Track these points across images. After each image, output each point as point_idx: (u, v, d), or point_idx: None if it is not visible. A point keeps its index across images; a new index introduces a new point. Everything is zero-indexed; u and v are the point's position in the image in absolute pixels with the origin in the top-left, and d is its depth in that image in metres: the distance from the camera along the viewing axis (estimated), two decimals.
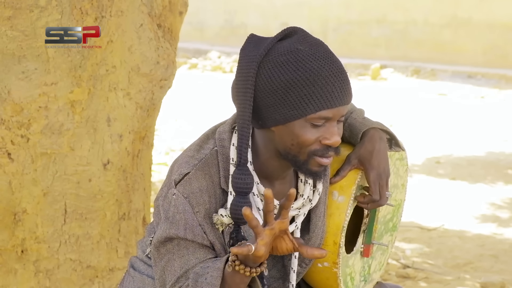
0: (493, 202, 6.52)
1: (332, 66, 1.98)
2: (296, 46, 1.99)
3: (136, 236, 3.37)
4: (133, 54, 3.18)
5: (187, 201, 2.03)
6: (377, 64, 15.35)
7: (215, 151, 2.09)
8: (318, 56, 1.98)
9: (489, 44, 15.89)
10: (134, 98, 3.21)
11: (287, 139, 2.01)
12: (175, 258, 2.04)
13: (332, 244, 2.16)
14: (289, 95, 1.97)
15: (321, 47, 2.01)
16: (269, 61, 1.99)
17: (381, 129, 2.25)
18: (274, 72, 1.98)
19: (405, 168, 2.41)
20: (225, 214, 2.04)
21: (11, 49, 2.95)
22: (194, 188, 2.04)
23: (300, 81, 1.96)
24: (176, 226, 2.03)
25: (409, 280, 4.63)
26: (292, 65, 1.97)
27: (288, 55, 1.98)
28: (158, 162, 7.14)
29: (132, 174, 3.30)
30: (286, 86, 1.97)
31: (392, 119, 10.24)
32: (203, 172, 2.05)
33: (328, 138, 2.00)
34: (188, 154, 2.10)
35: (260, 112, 2.01)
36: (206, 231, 2.04)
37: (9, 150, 3.04)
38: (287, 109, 1.98)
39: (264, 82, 1.99)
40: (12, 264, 3.15)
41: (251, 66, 2.00)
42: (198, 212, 2.03)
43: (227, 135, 2.10)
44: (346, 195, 2.17)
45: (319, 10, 17.72)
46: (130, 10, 3.15)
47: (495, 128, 10.12)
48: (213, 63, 16.60)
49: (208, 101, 11.55)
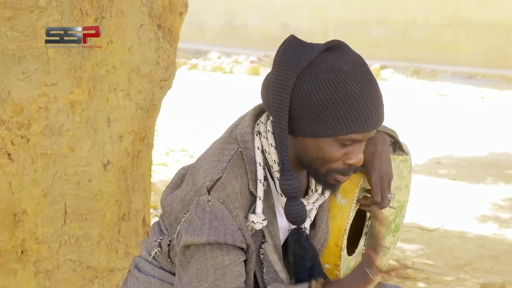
0: (494, 203, 6.52)
1: (371, 91, 1.99)
2: (339, 65, 1.98)
3: (136, 237, 3.37)
4: (133, 55, 3.18)
5: (224, 206, 2.02)
6: (377, 65, 15.35)
7: (240, 152, 2.08)
8: (360, 79, 1.98)
9: (490, 45, 15.89)
10: (134, 99, 3.21)
11: (313, 152, 2.02)
12: (207, 258, 2.03)
13: (334, 247, 2.16)
14: (325, 113, 1.97)
15: (363, 68, 2.01)
16: (310, 75, 1.98)
17: (385, 132, 2.25)
18: (314, 88, 1.97)
19: (409, 169, 2.40)
20: (256, 221, 2.05)
21: (11, 50, 2.95)
22: (229, 192, 2.03)
23: (339, 102, 1.96)
24: (215, 232, 2.01)
25: (409, 280, 4.63)
26: (333, 84, 1.97)
27: (330, 73, 1.98)
28: (158, 163, 7.14)
29: (132, 174, 3.29)
30: (324, 104, 1.97)
31: (392, 120, 10.24)
32: (234, 174, 2.05)
33: (353, 158, 2.02)
34: (213, 159, 2.08)
35: (292, 120, 2.01)
36: (245, 235, 2.04)
37: (9, 151, 3.04)
38: (320, 126, 1.98)
39: (301, 95, 1.98)
40: (12, 264, 3.15)
41: (290, 76, 1.99)
42: (236, 216, 2.03)
43: (249, 137, 2.09)
44: (349, 198, 2.17)
45: (319, 10, 17.72)
46: (130, 11, 3.15)
47: (496, 128, 10.13)
48: (213, 63, 16.60)
49: (208, 102, 11.55)
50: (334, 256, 2.17)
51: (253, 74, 15.03)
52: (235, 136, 2.11)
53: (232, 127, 2.16)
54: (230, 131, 2.15)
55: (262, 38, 18.00)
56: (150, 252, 2.25)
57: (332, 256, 2.17)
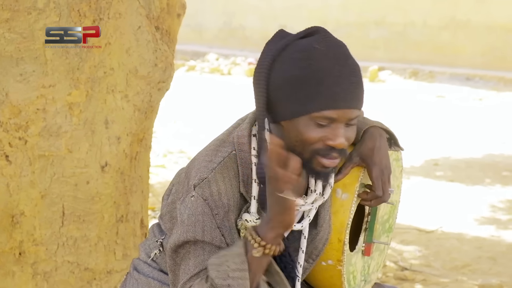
0: (492, 204, 6.52)
1: (343, 68, 1.98)
2: (313, 45, 2.00)
3: (134, 239, 3.37)
4: (131, 56, 3.18)
5: (206, 204, 2.02)
6: (375, 66, 15.37)
7: (234, 155, 2.09)
8: (332, 56, 1.99)
9: (488, 46, 15.90)
10: (132, 100, 3.21)
11: (292, 135, 2.02)
12: (190, 257, 2.03)
13: (336, 242, 2.17)
14: (296, 91, 1.98)
15: (338, 48, 2.02)
16: (284, 56, 2.01)
17: (381, 128, 2.26)
18: (286, 67, 1.99)
19: (400, 169, 2.42)
20: (250, 219, 2.05)
21: (9, 51, 2.95)
22: (213, 191, 2.03)
23: (308, 78, 1.97)
24: (194, 229, 2.02)
25: (407, 282, 4.63)
26: (304, 62, 1.98)
27: (303, 52, 1.99)
28: (156, 164, 7.14)
29: (130, 176, 3.29)
30: (295, 81, 1.98)
31: (390, 121, 10.23)
32: (222, 175, 2.05)
33: (332, 138, 2.00)
34: (205, 159, 2.09)
35: (271, 105, 2.03)
36: (224, 234, 2.03)
37: (7, 152, 3.04)
38: (293, 104, 1.99)
39: (276, 76, 2.00)
40: (10, 266, 3.15)
41: (267, 59, 2.02)
42: (217, 215, 2.03)
43: (246, 139, 2.09)
44: (350, 193, 2.17)
45: (318, 12, 17.73)
46: (128, 13, 3.15)
47: (494, 130, 10.14)
48: (211, 65, 16.62)
49: (206, 103, 11.55)
50: (337, 251, 2.17)
51: (251, 76, 15.00)
52: (232, 138, 2.12)
53: (231, 129, 2.17)
54: (229, 133, 2.15)
55: (260, 40, 17.98)
56: (149, 254, 2.25)
57: (335, 251, 2.17)
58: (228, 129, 2.18)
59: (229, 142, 2.12)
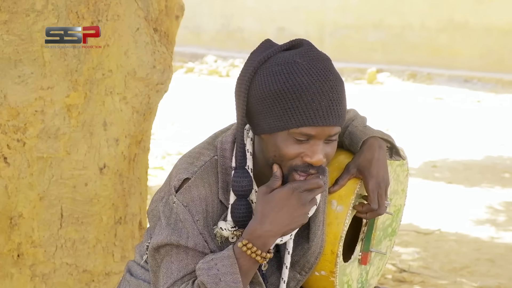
0: (490, 206, 6.52)
1: (323, 84, 1.94)
2: (294, 58, 1.96)
3: (133, 241, 3.37)
4: (130, 58, 3.18)
5: (187, 210, 2.01)
6: (374, 68, 15.37)
7: (215, 160, 2.07)
8: (312, 72, 1.94)
9: (486, 48, 15.91)
10: (130, 102, 3.21)
11: (271, 149, 1.98)
12: (173, 261, 2.02)
13: (329, 254, 2.15)
14: (275, 105, 1.94)
15: (320, 63, 1.97)
16: (266, 68, 1.97)
17: (381, 138, 2.22)
18: (266, 81, 1.96)
19: (405, 173, 2.39)
20: (224, 228, 2.03)
21: (7, 53, 2.95)
22: (194, 196, 2.02)
23: (287, 94, 1.93)
24: (178, 234, 2.01)
25: (405, 284, 4.63)
26: (284, 76, 1.94)
27: (283, 66, 1.96)
28: (154, 166, 7.13)
29: (129, 178, 3.29)
30: (274, 96, 1.94)
31: (389, 123, 10.25)
32: (202, 180, 2.04)
33: (309, 155, 1.96)
34: (187, 161, 2.08)
35: (251, 117, 2.00)
36: (207, 240, 2.02)
37: (5, 154, 3.04)
38: (272, 119, 1.95)
39: (256, 88, 1.97)
40: (8, 268, 3.15)
41: (249, 70, 1.99)
42: (198, 221, 2.02)
43: (229, 145, 2.07)
44: (345, 205, 2.14)
45: (316, 15, 17.74)
46: (126, 14, 3.15)
47: (492, 132, 10.14)
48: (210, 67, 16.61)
49: (205, 105, 11.55)
50: (330, 263, 2.15)
51: None
52: (216, 143, 2.10)
53: (219, 133, 2.16)
54: (215, 136, 2.14)
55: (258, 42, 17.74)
56: (142, 256, 2.25)
57: (328, 263, 2.15)
58: (216, 132, 2.17)
59: (213, 146, 2.10)
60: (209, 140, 2.14)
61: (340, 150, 2.25)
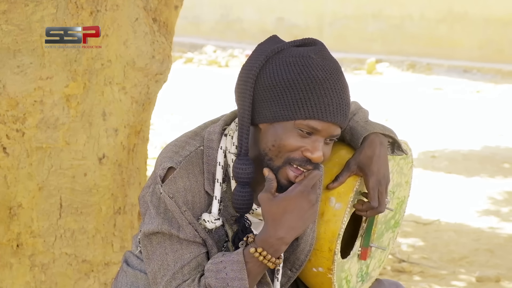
0: (489, 196, 6.53)
1: (336, 83, 1.96)
2: (309, 53, 1.98)
3: (132, 231, 3.37)
4: (129, 48, 3.17)
5: (173, 201, 2.01)
6: (373, 59, 15.36)
7: (201, 150, 2.06)
8: (327, 69, 1.96)
9: (485, 39, 15.91)
10: (129, 92, 3.20)
11: (270, 139, 1.98)
12: (167, 252, 2.02)
13: (327, 251, 2.13)
14: (285, 94, 1.95)
15: (333, 63, 1.99)
16: (279, 58, 1.98)
17: (383, 134, 2.21)
18: (279, 70, 1.97)
19: (409, 165, 2.38)
20: (208, 220, 2.03)
21: (6, 43, 2.95)
22: (179, 187, 2.01)
23: (300, 84, 1.94)
24: (169, 223, 2.01)
25: (404, 274, 4.64)
26: (298, 67, 1.96)
27: (299, 58, 1.97)
28: (153, 157, 7.12)
29: (128, 168, 3.29)
30: (285, 85, 1.95)
31: (388, 114, 10.25)
32: (186, 171, 2.03)
33: (310, 151, 1.96)
34: (172, 149, 2.07)
35: (254, 105, 2.00)
36: (197, 229, 2.02)
37: (4, 145, 3.04)
38: (279, 107, 1.96)
39: (266, 75, 1.97)
40: (7, 258, 3.15)
41: (260, 58, 1.99)
42: (185, 211, 2.01)
43: (216, 136, 2.07)
44: (344, 202, 2.13)
45: (315, 5, 17.72)
46: (125, 4, 3.15)
47: (491, 122, 10.14)
48: (209, 57, 16.61)
49: (204, 95, 11.55)
50: (328, 260, 2.14)
51: None
52: (203, 133, 2.09)
53: (208, 123, 2.15)
54: (204, 126, 2.13)
55: (257, 32, 17.99)
56: (138, 246, 2.25)
57: (326, 260, 2.14)
58: (206, 122, 2.15)
59: (200, 136, 2.09)
60: (197, 130, 2.13)
61: (341, 144, 2.24)
